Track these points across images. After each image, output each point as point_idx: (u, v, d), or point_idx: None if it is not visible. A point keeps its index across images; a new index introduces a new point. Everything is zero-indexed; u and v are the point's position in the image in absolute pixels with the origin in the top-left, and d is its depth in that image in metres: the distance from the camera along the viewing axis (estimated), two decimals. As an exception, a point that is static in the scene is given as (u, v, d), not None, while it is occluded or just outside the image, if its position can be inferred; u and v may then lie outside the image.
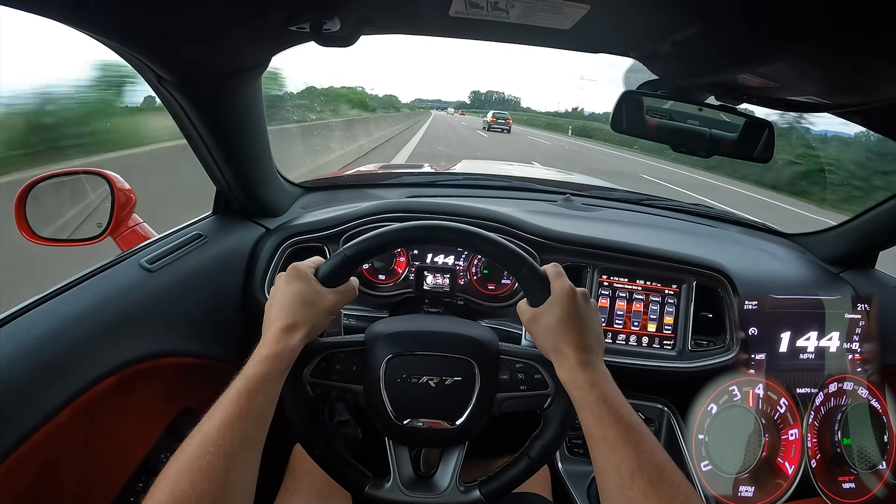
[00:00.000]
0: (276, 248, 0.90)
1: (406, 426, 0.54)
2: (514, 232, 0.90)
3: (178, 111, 0.70)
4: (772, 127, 0.75)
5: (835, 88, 0.66)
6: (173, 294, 0.74)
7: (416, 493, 0.58)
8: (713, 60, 0.66)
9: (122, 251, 0.77)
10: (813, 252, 1.12)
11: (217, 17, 0.55)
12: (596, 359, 0.50)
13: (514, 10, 0.57)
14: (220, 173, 0.83)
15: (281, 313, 0.50)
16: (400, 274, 0.96)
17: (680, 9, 0.56)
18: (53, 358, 0.55)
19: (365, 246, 0.54)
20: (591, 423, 0.46)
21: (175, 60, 0.61)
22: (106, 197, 0.82)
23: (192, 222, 0.89)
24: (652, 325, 0.93)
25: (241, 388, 0.44)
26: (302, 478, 0.73)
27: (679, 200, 1.31)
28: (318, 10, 0.57)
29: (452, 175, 1.38)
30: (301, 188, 1.13)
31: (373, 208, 0.92)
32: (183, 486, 0.37)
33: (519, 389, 0.55)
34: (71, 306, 0.61)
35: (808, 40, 0.51)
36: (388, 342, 0.55)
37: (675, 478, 0.42)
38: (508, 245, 0.55)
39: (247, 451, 0.42)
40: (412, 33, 0.68)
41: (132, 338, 0.65)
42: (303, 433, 0.55)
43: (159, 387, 0.71)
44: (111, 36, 0.54)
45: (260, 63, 0.70)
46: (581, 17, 0.58)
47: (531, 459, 0.56)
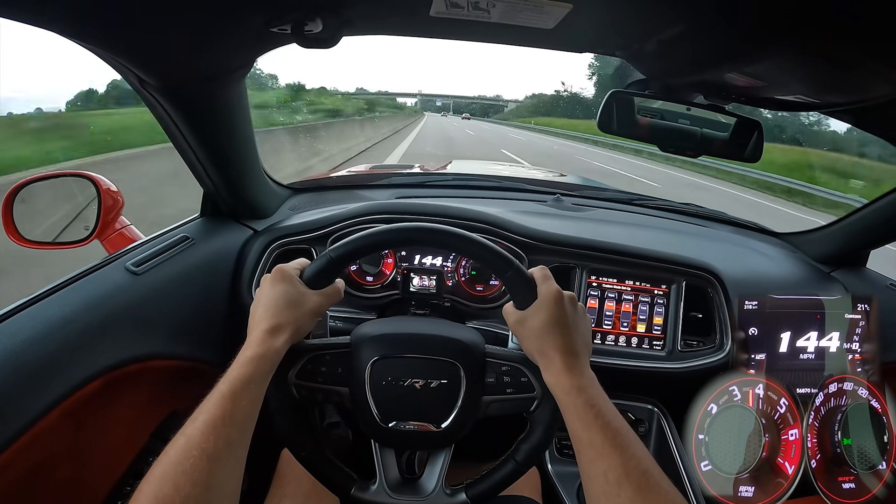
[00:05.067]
0: (263, 250, 0.90)
1: (392, 429, 0.54)
2: (501, 233, 0.90)
3: (161, 114, 0.70)
4: (761, 127, 0.74)
5: (822, 87, 0.65)
6: (160, 297, 0.73)
7: (402, 495, 0.58)
8: (700, 59, 0.66)
9: (108, 254, 0.77)
10: (804, 251, 1.12)
11: (198, 20, 0.55)
12: (583, 363, 0.50)
13: (496, 9, 0.56)
14: (207, 175, 0.83)
15: (265, 315, 0.50)
16: (387, 275, 0.95)
17: (664, 8, 0.56)
18: (39, 361, 0.55)
19: (350, 248, 0.53)
20: (578, 428, 0.46)
21: (157, 64, 0.61)
22: (93, 199, 0.82)
23: (179, 224, 0.88)
24: (641, 326, 0.92)
25: (224, 391, 0.44)
26: (290, 482, 0.72)
27: (669, 200, 1.30)
28: (300, 12, 0.56)
29: (442, 175, 1.38)
30: (289, 189, 1.12)
31: (361, 209, 0.92)
32: (166, 491, 0.37)
33: (505, 392, 0.55)
34: (56, 309, 0.60)
35: (792, 40, 0.51)
36: (374, 344, 0.54)
37: (662, 484, 0.42)
38: (494, 247, 0.54)
39: (231, 454, 0.42)
40: (393, 34, 0.67)
41: (119, 341, 0.65)
42: (288, 436, 0.55)
43: (146, 390, 0.71)
44: (92, 41, 0.54)
45: (243, 65, 0.69)
46: (564, 17, 0.57)
47: (517, 462, 0.55)
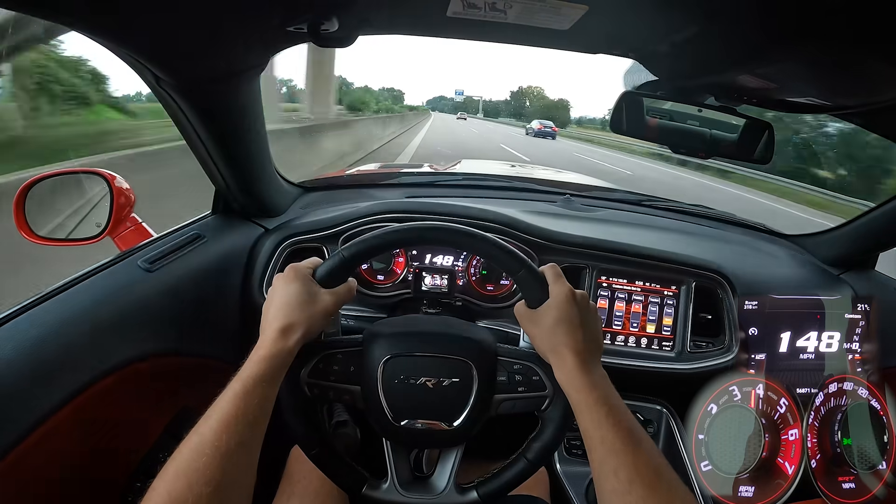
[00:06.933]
0: (274, 249, 0.90)
1: (403, 427, 0.54)
2: (512, 232, 0.90)
3: (176, 112, 0.70)
4: (772, 128, 0.74)
5: (834, 90, 0.66)
6: (172, 294, 0.74)
7: (413, 494, 0.58)
8: (713, 61, 0.66)
9: (120, 251, 0.77)
10: (812, 253, 1.12)
11: (216, 17, 0.55)
12: (594, 361, 0.50)
13: (512, 10, 0.56)
14: (219, 173, 0.83)
15: (278, 314, 0.50)
16: (398, 274, 0.95)
17: (680, 9, 0.56)
18: (51, 358, 0.55)
19: (363, 247, 0.54)
20: (590, 426, 0.46)
21: (174, 62, 0.61)
22: (105, 196, 0.82)
23: (190, 222, 0.89)
24: (651, 327, 0.92)
25: (237, 390, 0.44)
26: (299, 480, 0.72)
27: (678, 201, 1.30)
28: (317, 11, 0.57)
29: (452, 175, 1.38)
30: (300, 188, 1.12)
31: (372, 209, 0.92)
32: (180, 489, 0.37)
33: (517, 391, 0.55)
34: (69, 306, 0.61)
35: (807, 41, 0.51)
36: (386, 343, 0.55)
37: (673, 483, 0.42)
38: (506, 246, 0.54)
39: (244, 452, 0.42)
40: (410, 34, 0.68)
41: (130, 338, 0.65)
42: (300, 434, 0.55)
43: (157, 387, 0.71)
44: (109, 37, 0.54)
45: (258, 63, 0.70)
46: (580, 18, 0.58)
47: (528, 461, 0.55)
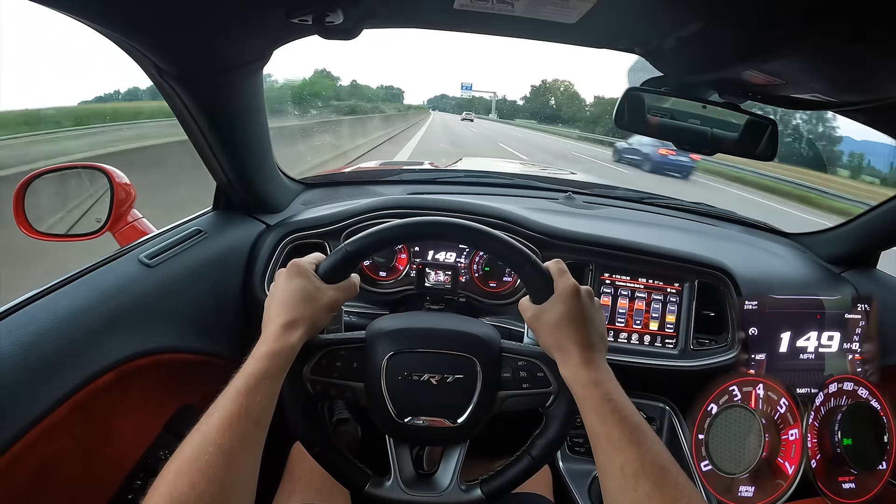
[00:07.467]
0: (276, 245, 0.89)
1: (407, 424, 0.54)
2: (515, 229, 0.90)
3: (178, 105, 0.69)
4: (775, 125, 0.74)
5: (840, 86, 0.65)
6: (172, 290, 0.73)
7: (416, 491, 0.57)
8: (718, 56, 0.66)
9: (120, 246, 0.76)
10: (814, 252, 1.12)
11: (220, 8, 0.55)
12: (599, 357, 0.50)
13: (520, 3, 0.56)
14: (221, 168, 0.83)
15: (281, 310, 0.49)
16: (401, 271, 0.95)
17: (687, 3, 0.56)
18: (50, 354, 0.54)
19: (366, 242, 0.53)
20: (595, 422, 0.45)
21: (177, 52, 0.60)
22: (105, 192, 0.81)
23: (191, 218, 0.88)
24: (654, 324, 0.92)
25: (240, 387, 0.43)
26: (300, 478, 0.72)
27: (680, 199, 1.31)
28: (322, 2, 0.56)
29: (453, 172, 1.38)
30: (301, 184, 1.12)
31: (374, 205, 0.91)
32: (181, 488, 0.36)
33: (521, 387, 0.55)
34: (69, 301, 0.60)
35: (814, 36, 0.51)
36: (390, 339, 0.54)
37: (679, 479, 0.41)
38: (511, 241, 0.54)
39: (246, 450, 0.41)
40: (416, 27, 0.67)
41: (131, 333, 0.64)
42: (303, 431, 0.55)
43: (158, 383, 0.70)
44: (112, 25, 0.54)
45: (262, 56, 0.69)
46: (587, 12, 0.57)
47: (533, 458, 0.55)
